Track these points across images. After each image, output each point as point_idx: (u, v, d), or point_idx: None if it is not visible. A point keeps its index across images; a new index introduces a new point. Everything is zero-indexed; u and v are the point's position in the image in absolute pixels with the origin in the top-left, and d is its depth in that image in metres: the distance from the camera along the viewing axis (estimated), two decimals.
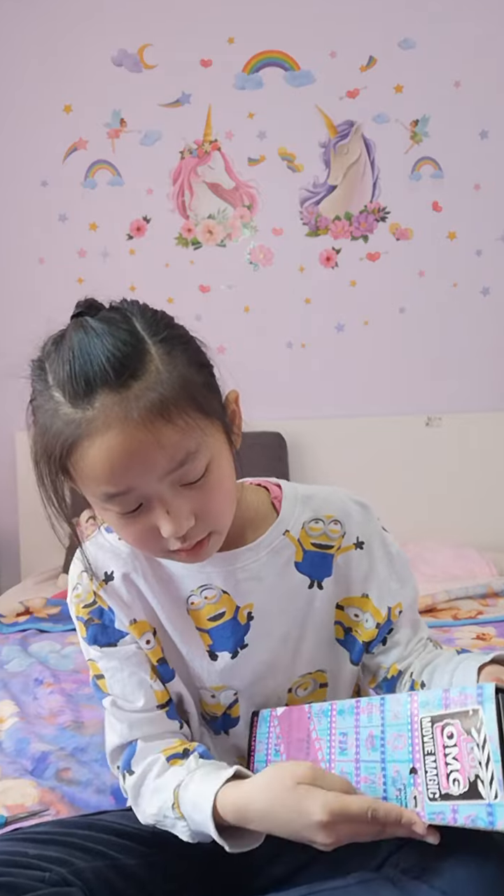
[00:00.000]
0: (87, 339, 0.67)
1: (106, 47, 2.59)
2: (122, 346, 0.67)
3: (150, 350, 0.68)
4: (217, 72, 2.58)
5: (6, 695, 1.52)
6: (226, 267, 2.66)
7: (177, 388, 0.68)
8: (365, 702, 0.74)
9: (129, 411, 0.66)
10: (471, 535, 2.48)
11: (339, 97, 2.58)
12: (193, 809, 0.74)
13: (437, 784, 0.64)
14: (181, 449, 0.68)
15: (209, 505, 0.73)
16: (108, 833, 0.80)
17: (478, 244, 2.60)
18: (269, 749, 0.84)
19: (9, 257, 2.69)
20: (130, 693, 0.83)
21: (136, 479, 0.68)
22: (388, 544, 0.89)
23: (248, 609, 0.84)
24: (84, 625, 0.84)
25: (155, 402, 0.66)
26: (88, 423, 0.66)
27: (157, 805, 0.77)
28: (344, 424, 2.64)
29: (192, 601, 0.83)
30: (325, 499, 0.88)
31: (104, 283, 2.66)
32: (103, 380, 0.66)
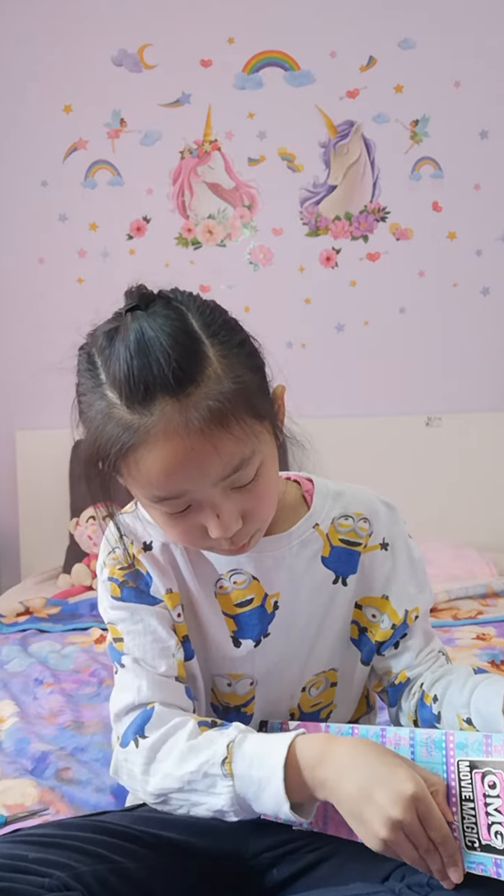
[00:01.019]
0: (145, 338, 0.66)
1: (106, 47, 2.59)
2: (181, 349, 0.65)
3: (207, 353, 0.68)
4: (217, 72, 2.59)
5: (6, 695, 1.52)
6: (226, 267, 2.66)
7: (234, 394, 0.67)
8: (392, 731, 0.72)
9: (188, 420, 0.65)
10: (471, 535, 2.48)
11: (339, 97, 2.58)
12: (253, 764, 0.69)
13: (477, 833, 0.63)
14: (237, 456, 0.68)
15: (258, 507, 0.73)
16: (109, 835, 0.79)
17: (478, 244, 2.60)
18: None
19: (9, 257, 2.69)
20: (153, 657, 0.80)
21: (190, 484, 0.68)
22: (412, 548, 0.89)
23: (275, 598, 0.84)
24: (118, 585, 0.82)
25: (214, 411, 0.66)
26: (147, 429, 0.65)
27: (198, 763, 0.72)
28: (344, 424, 2.63)
29: (222, 585, 0.83)
30: (356, 496, 0.89)
31: (104, 283, 2.66)
32: (163, 385, 0.65)
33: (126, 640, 0.81)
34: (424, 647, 0.88)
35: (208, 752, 0.72)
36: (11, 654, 1.75)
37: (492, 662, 1.55)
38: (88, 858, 0.75)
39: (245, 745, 0.71)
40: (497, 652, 1.61)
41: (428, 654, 0.88)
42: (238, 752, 0.71)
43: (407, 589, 0.87)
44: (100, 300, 0.77)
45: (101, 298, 0.77)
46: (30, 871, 0.70)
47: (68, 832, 0.78)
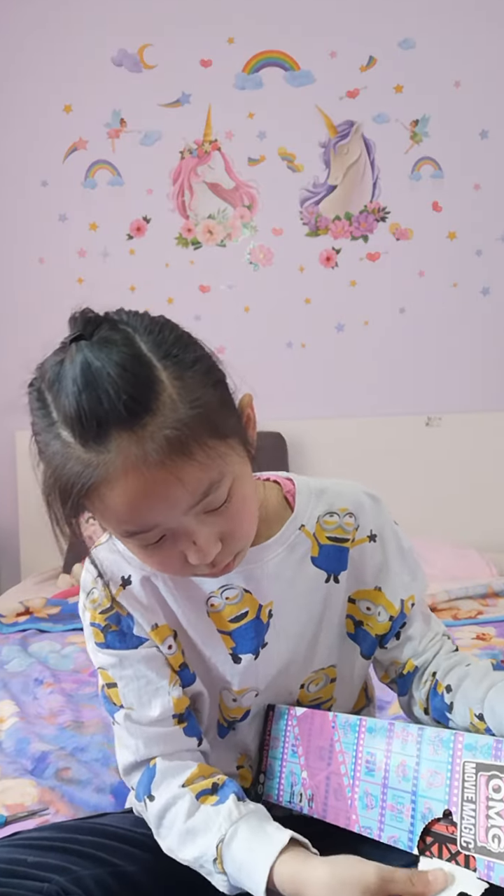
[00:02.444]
0: (91, 370, 0.61)
1: (106, 47, 2.59)
2: (131, 378, 0.61)
3: (160, 377, 0.63)
4: (217, 72, 2.59)
5: (6, 695, 1.52)
6: (226, 267, 2.66)
7: (193, 417, 0.63)
8: (400, 727, 0.72)
9: (146, 453, 0.61)
10: (471, 535, 2.48)
11: (339, 97, 2.58)
12: (241, 872, 0.70)
13: (474, 834, 0.62)
14: (204, 482, 0.65)
15: (235, 528, 0.70)
16: (109, 838, 0.79)
17: (478, 244, 2.60)
18: (286, 748, 0.82)
19: (9, 257, 2.69)
20: (147, 702, 0.79)
21: (159, 517, 0.66)
22: (400, 537, 0.88)
23: (269, 607, 0.82)
24: (101, 631, 0.80)
25: (173, 440, 0.62)
26: (105, 467, 0.62)
27: (194, 854, 0.73)
28: (344, 424, 2.64)
29: (213, 603, 0.81)
30: (338, 492, 0.87)
31: (104, 283, 2.66)
32: (116, 419, 0.61)
33: (119, 686, 0.80)
34: (427, 633, 0.88)
35: (203, 843, 0.73)
36: (11, 654, 1.75)
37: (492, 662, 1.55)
38: (88, 862, 0.74)
39: (233, 847, 0.71)
40: (497, 652, 1.61)
41: (432, 640, 0.88)
42: (227, 855, 0.71)
43: (400, 578, 0.86)
44: (100, 300, 0.76)
45: (101, 298, 0.76)
46: (28, 876, 0.69)
47: (67, 835, 0.78)
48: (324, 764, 0.77)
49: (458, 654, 0.88)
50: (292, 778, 0.80)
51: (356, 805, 0.72)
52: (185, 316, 0.75)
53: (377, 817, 0.70)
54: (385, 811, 0.69)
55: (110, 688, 0.81)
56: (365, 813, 0.71)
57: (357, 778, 0.73)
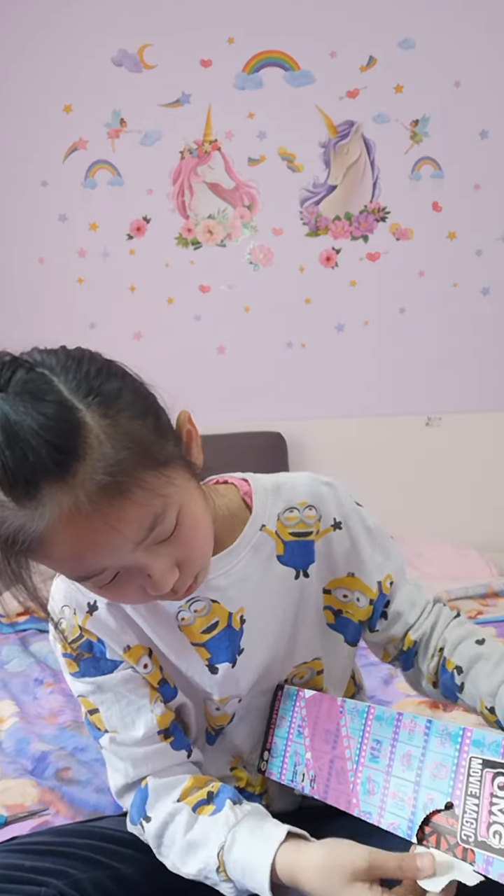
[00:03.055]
0: (11, 424, 0.58)
1: (106, 47, 2.59)
2: (54, 426, 0.58)
3: (85, 419, 0.60)
4: (217, 72, 2.59)
5: (6, 695, 1.52)
6: (226, 267, 2.66)
7: (125, 455, 0.60)
8: (408, 717, 0.72)
9: (80, 501, 0.59)
10: (471, 535, 2.48)
11: (339, 97, 2.58)
12: (244, 875, 0.71)
13: (475, 828, 0.63)
14: (147, 518, 0.63)
15: (189, 552, 0.68)
16: (106, 841, 0.79)
17: (478, 244, 2.60)
18: (292, 729, 0.83)
19: (9, 257, 2.69)
20: (130, 722, 0.79)
21: (107, 560, 0.64)
22: (365, 518, 0.87)
23: (240, 613, 0.81)
24: (74, 661, 0.80)
25: (106, 485, 0.59)
26: (41, 521, 0.59)
27: (197, 866, 0.74)
28: (344, 424, 2.64)
29: (182, 617, 0.80)
30: (293, 486, 0.85)
31: (104, 283, 2.66)
32: (44, 472, 0.58)
33: (101, 711, 0.80)
34: (416, 604, 0.87)
35: (205, 854, 0.73)
36: (11, 654, 1.75)
37: None
38: (86, 865, 0.74)
39: (234, 853, 0.72)
40: None
41: (423, 610, 0.87)
42: (229, 861, 0.72)
43: (373, 560, 0.86)
44: (100, 300, 0.76)
45: (101, 298, 0.76)
46: (26, 881, 0.69)
47: (64, 839, 0.77)
48: (328, 747, 0.78)
49: (464, 625, 0.86)
50: (296, 758, 0.81)
51: (358, 790, 0.73)
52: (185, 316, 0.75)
53: (378, 803, 0.70)
54: (387, 798, 0.70)
55: (93, 714, 0.81)
56: (366, 798, 0.72)
57: (361, 763, 0.74)
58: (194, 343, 2.65)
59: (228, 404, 2.64)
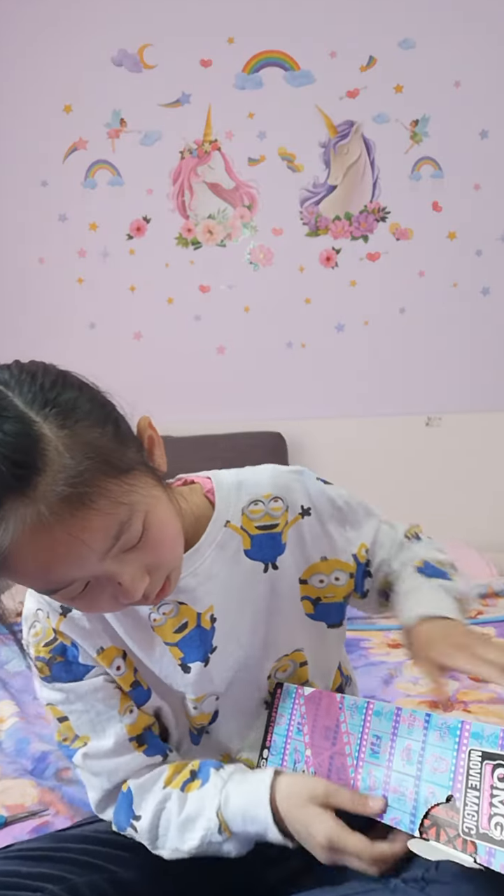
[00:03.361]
0: None
1: (106, 47, 2.59)
2: (12, 441, 0.58)
3: (43, 431, 0.59)
4: (217, 72, 2.59)
5: (6, 695, 1.52)
6: (226, 267, 2.66)
7: (86, 465, 0.59)
8: (407, 712, 0.73)
9: (42, 514, 0.58)
10: (471, 535, 2.48)
11: (339, 97, 2.58)
12: (245, 822, 0.74)
13: (476, 821, 0.64)
14: (112, 527, 0.62)
15: (159, 556, 0.68)
16: (103, 845, 0.79)
17: (478, 244, 2.60)
18: (292, 725, 0.83)
19: (9, 257, 2.69)
20: (101, 731, 0.79)
21: (74, 572, 0.63)
22: (335, 499, 0.87)
23: (210, 612, 0.80)
24: (46, 664, 0.79)
25: (68, 496, 0.58)
26: (4, 536, 0.58)
27: (198, 836, 0.75)
28: (344, 424, 2.64)
29: (154, 619, 0.80)
30: (257, 480, 0.84)
31: (104, 283, 2.66)
32: (4, 487, 0.57)
33: (71, 720, 0.80)
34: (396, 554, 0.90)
35: (203, 821, 0.75)
36: (11, 654, 1.75)
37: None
38: (82, 870, 0.74)
39: (231, 806, 0.75)
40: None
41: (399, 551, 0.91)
42: (228, 814, 0.75)
43: (344, 538, 0.86)
44: (100, 300, 0.76)
45: (101, 298, 0.76)
46: (22, 887, 0.69)
47: (61, 844, 0.78)
48: (328, 743, 0.78)
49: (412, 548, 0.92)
50: (296, 755, 0.81)
51: (359, 786, 0.73)
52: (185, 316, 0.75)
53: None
54: (388, 794, 0.71)
55: (62, 721, 0.81)
56: (368, 794, 0.72)
57: (361, 759, 0.75)
58: (194, 343, 2.65)
59: (228, 404, 2.64)
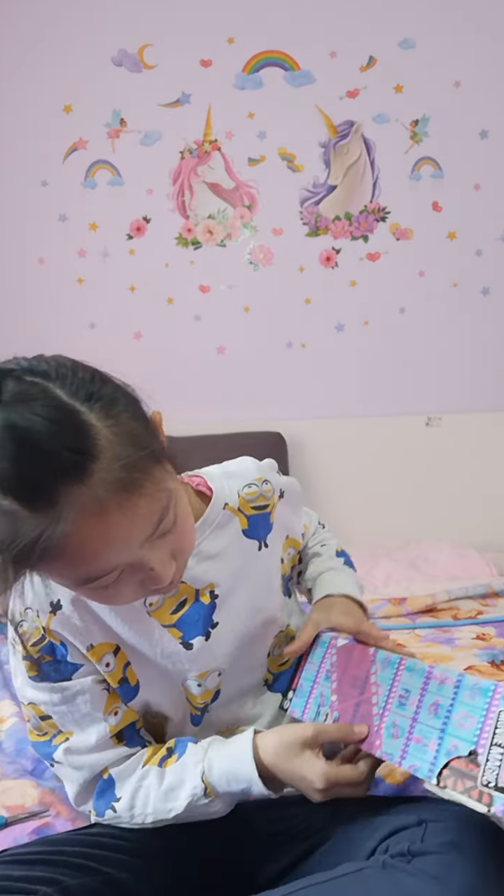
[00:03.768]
0: (20, 431, 0.57)
1: (106, 47, 2.59)
2: (64, 429, 0.58)
3: (91, 421, 0.60)
4: (217, 72, 2.58)
5: (6, 695, 1.52)
6: (226, 267, 2.66)
7: (133, 452, 0.62)
8: (439, 670, 0.76)
9: (100, 499, 0.59)
10: (471, 535, 2.48)
11: (339, 97, 2.58)
12: (230, 782, 0.77)
13: (496, 775, 0.66)
14: (156, 512, 0.65)
15: (182, 543, 0.71)
16: (98, 848, 0.79)
17: (478, 244, 2.60)
18: (321, 673, 0.87)
19: (9, 257, 2.69)
20: (85, 728, 0.81)
21: (120, 557, 0.64)
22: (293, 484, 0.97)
23: (210, 588, 0.85)
24: (34, 663, 0.80)
25: (123, 481, 0.60)
26: (62, 523, 0.59)
27: (184, 803, 0.78)
28: (344, 424, 2.63)
29: (151, 601, 0.82)
30: (245, 467, 0.92)
31: (104, 283, 2.66)
32: (62, 475, 0.58)
33: (56, 718, 0.81)
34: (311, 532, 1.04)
35: (188, 788, 0.78)
36: None
37: (492, 662, 1.55)
38: (77, 872, 0.74)
39: (215, 771, 0.78)
40: (497, 652, 1.61)
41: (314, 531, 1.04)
42: (212, 778, 0.78)
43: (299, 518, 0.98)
44: (100, 300, 0.76)
45: (101, 298, 0.76)
46: (15, 890, 0.69)
47: (55, 848, 0.78)
48: (356, 692, 0.82)
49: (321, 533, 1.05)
50: (321, 699, 0.85)
51: (382, 732, 0.77)
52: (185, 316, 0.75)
53: (401, 746, 0.74)
54: (410, 742, 0.74)
55: (45, 720, 0.82)
56: (389, 741, 0.76)
57: (387, 709, 0.78)
58: (194, 343, 2.65)
59: (228, 404, 2.64)
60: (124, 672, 0.83)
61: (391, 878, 0.67)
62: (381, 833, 0.74)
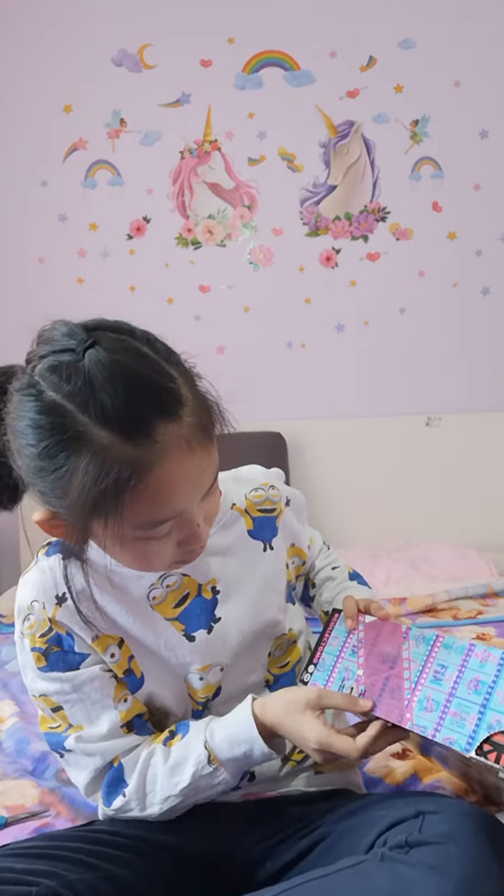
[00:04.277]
0: (126, 370, 0.65)
1: (106, 47, 2.59)
2: (159, 375, 0.67)
3: (173, 374, 0.69)
4: (217, 72, 2.58)
5: (6, 695, 1.52)
6: (226, 267, 2.66)
7: (204, 407, 0.71)
8: (481, 648, 0.77)
9: (188, 439, 0.67)
10: (471, 535, 2.48)
11: (339, 97, 2.58)
12: (232, 745, 0.79)
13: None
14: (216, 466, 0.72)
15: (213, 510, 0.77)
16: (99, 844, 0.80)
17: (478, 244, 2.60)
18: (346, 647, 0.87)
19: (9, 257, 2.69)
20: (95, 718, 0.82)
21: (187, 501, 0.70)
22: (299, 496, 0.99)
23: (212, 584, 0.87)
24: (42, 654, 0.81)
25: (202, 425, 0.69)
26: (158, 453, 0.65)
27: (189, 774, 0.79)
28: (344, 424, 2.63)
29: (154, 595, 0.84)
30: (254, 473, 0.96)
31: (104, 283, 2.66)
32: (160, 411, 0.66)
33: (66, 708, 0.82)
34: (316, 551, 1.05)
35: (192, 759, 0.79)
36: (11, 654, 1.74)
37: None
38: (78, 867, 0.74)
39: (217, 737, 0.80)
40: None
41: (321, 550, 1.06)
42: (215, 745, 0.79)
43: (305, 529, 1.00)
44: (100, 300, 0.77)
45: (101, 298, 0.77)
46: (17, 882, 0.69)
47: (56, 843, 0.78)
48: (385, 667, 0.82)
49: (333, 556, 1.06)
50: (345, 673, 0.85)
51: (413, 706, 0.77)
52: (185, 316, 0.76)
53: (435, 720, 0.75)
54: (446, 716, 0.74)
55: (56, 711, 0.82)
56: (422, 714, 0.76)
57: (420, 683, 0.78)
58: (194, 343, 2.62)
59: (228, 404, 2.62)
60: (129, 664, 0.84)
61: (390, 869, 0.68)
62: (380, 827, 0.75)
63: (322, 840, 0.81)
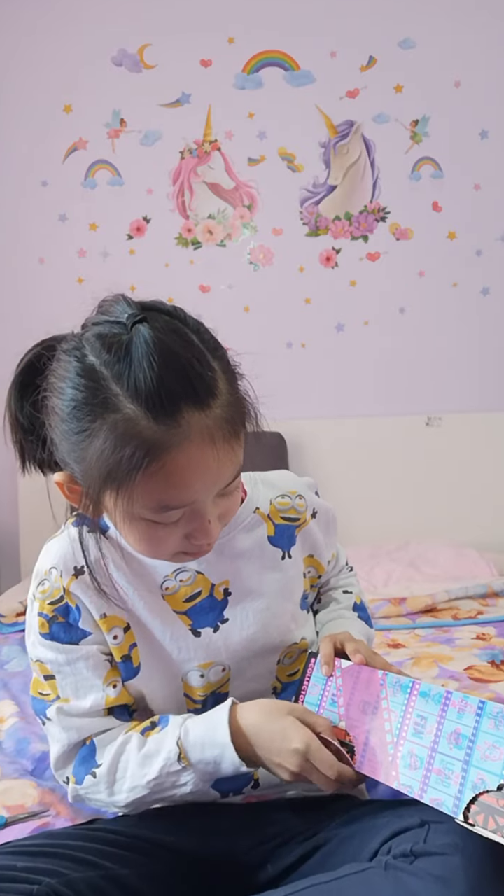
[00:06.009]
0: (167, 350, 0.66)
1: (106, 47, 2.59)
2: (199, 363, 0.68)
3: (214, 365, 0.70)
4: (217, 72, 2.58)
5: (6, 695, 1.52)
6: (226, 267, 2.66)
7: (238, 405, 0.71)
8: (458, 697, 0.73)
9: (212, 430, 0.67)
10: (471, 535, 2.48)
11: (339, 97, 2.58)
12: (204, 749, 0.77)
13: None
14: (237, 465, 0.72)
15: (231, 509, 0.77)
16: (100, 843, 0.79)
17: (478, 244, 2.60)
18: (325, 696, 0.84)
19: (9, 257, 2.69)
20: (82, 695, 0.83)
21: (201, 493, 0.70)
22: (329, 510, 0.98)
23: (224, 586, 0.86)
24: (47, 621, 0.83)
25: (230, 422, 0.69)
26: (178, 436, 0.66)
27: (157, 768, 0.78)
28: (344, 424, 2.64)
29: (167, 586, 0.85)
30: (283, 479, 0.95)
31: (104, 283, 2.65)
32: (191, 397, 0.66)
33: (58, 679, 0.83)
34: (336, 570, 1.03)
35: (163, 753, 0.78)
36: (11, 654, 1.75)
37: (492, 662, 1.55)
38: (80, 866, 0.74)
39: (191, 736, 0.78)
40: (497, 652, 1.61)
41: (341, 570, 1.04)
42: (187, 744, 0.78)
43: (327, 544, 0.97)
44: (100, 300, 0.77)
45: (102, 298, 0.77)
46: (18, 879, 0.69)
47: (58, 841, 0.78)
48: (366, 718, 0.79)
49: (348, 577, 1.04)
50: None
51: (398, 763, 0.74)
52: None
53: (420, 778, 0.71)
54: (430, 774, 0.71)
55: (48, 679, 0.84)
56: (407, 772, 0.73)
57: (402, 737, 0.75)
58: None
59: None
60: (129, 651, 0.85)
61: (394, 878, 0.67)
62: (384, 834, 0.74)
63: (324, 845, 0.80)
